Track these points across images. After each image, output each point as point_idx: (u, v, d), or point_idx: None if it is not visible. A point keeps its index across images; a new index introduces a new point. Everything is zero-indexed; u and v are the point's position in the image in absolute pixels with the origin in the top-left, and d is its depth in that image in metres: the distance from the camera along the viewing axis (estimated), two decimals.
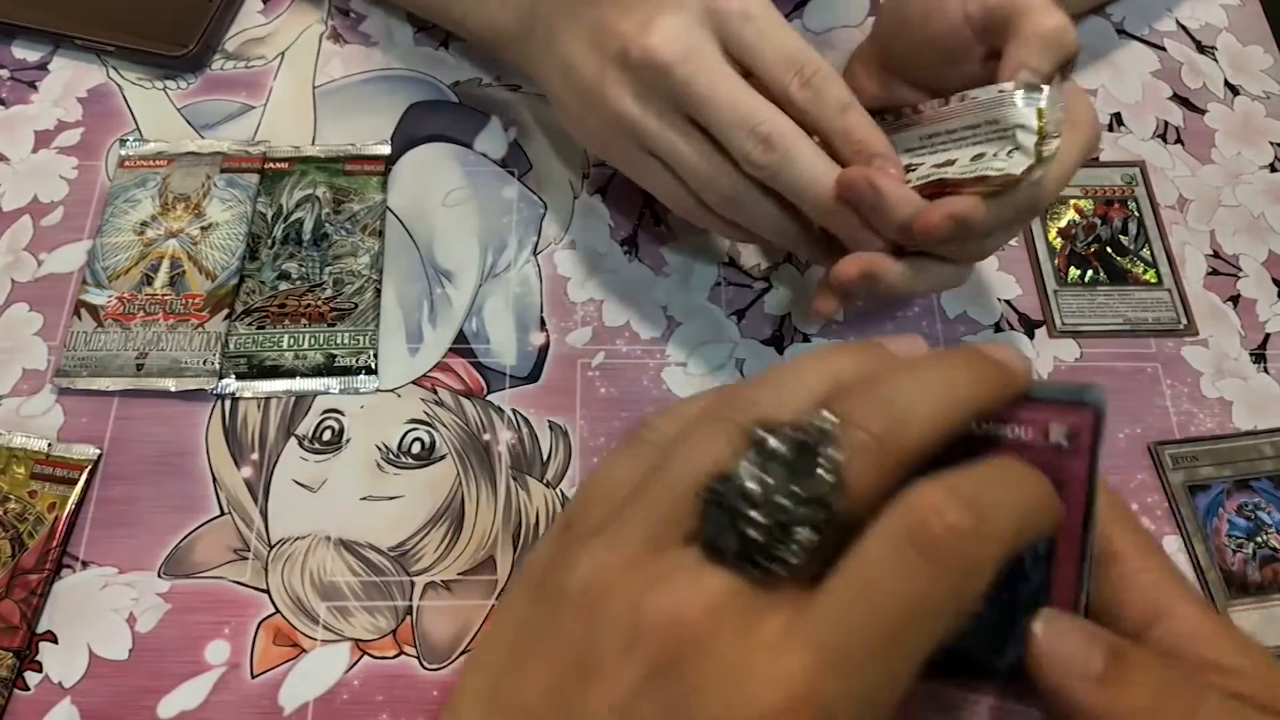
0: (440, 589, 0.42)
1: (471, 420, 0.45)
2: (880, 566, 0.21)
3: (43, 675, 0.39)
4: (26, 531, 0.41)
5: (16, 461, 0.43)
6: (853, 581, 0.21)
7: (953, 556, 0.21)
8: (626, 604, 0.22)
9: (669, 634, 0.21)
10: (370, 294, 0.47)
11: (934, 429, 0.23)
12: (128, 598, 0.41)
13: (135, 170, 0.50)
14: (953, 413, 0.24)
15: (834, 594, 0.21)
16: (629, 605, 0.22)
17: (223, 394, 0.45)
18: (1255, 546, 0.44)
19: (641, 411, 0.46)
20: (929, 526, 0.21)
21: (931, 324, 0.49)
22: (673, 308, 0.49)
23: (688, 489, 0.23)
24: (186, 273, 0.47)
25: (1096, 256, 0.51)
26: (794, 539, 0.22)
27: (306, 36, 0.55)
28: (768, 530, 0.22)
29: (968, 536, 0.21)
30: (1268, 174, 0.55)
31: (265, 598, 0.41)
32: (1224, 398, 0.48)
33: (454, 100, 0.54)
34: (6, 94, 0.53)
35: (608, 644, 0.22)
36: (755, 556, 0.22)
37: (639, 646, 0.21)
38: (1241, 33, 0.60)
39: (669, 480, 0.24)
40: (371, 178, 0.51)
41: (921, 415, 0.23)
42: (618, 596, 0.22)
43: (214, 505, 0.43)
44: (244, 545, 0.42)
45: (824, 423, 0.23)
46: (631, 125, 0.40)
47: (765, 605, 0.22)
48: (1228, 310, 0.50)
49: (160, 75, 0.53)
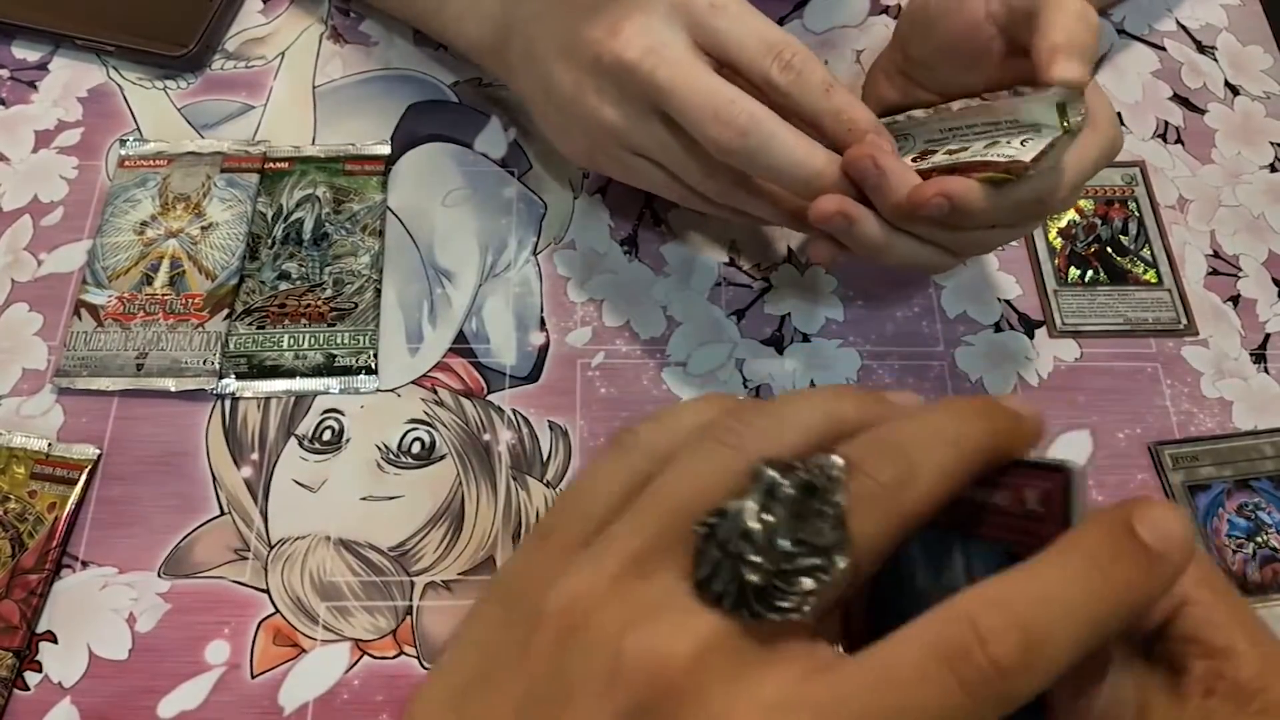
0: (440, 589, 0.42)
1: (471, 420, 0.45)
2: (909, 672, 0.19)
3: (42, 675, 0.39)
4: (26, 531, 0.41)
5: (16, 461, 0.43)
6: (874, 673, 0.20)
7: (989, 690, 0.19)
8: (607, 636, 0.21)
9: (652, 676, 0.20)
10: (370, 294, 0.47)
11: (944, 482, 0.22)
12: (127, 598, 0.41)
13: (135, 170, 0.50)
14: (963, 466, 0.22)
15: (850, 679, 0.20)
16: (610, 637, 0.21)
17: (223, 394, 0.45)
18: (1255, 546, 0.44)
19: (642, 411, 0.46)
20: (971, 656, 0.19)
21: (931, 324, 0.49)
22: (673, 308, 0.49)
23: (681, 515, 0.22)
24: (186, 272, 0.47)
25: (1096, 256, 0.51)
26: (795, 588, 0.20)
27: (306, 36, 0.55)
28: (769, 575, 0.20)
29: (1010, 673, 0.19)
30: (1268, 174, 0.55)
31: (265, 598, 0.41)
32: (1224, 398, 0.48)
33: (454, 100, 0.54)
34: (6, 94, 0.53)
35: (584, 676, 0.21)
36: (753, 602, 0.20)
37: (618, 685, 0.20)
38: (1241, 33, 0.60)
39: (661, 501, 0.22)
40: (371, 178, 0.51)
41: (932, 467, 0.22)
42: (598, 626, 0.21)
43: (214, 505, 0.43)
44: (244, 545, 0.42)
45: (832, 468, 0.22)
46: (613, 130, 0.40)
47: (759, 657, 0.20)
48: (1228, 310, 0.50)
49: (160, 75, 0.53)
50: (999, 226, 0.39)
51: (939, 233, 0.39)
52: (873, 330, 0.49)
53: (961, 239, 0.40)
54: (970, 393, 0.47)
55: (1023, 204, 0.38)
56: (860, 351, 0.48)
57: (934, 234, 0.39)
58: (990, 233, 0.40)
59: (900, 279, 0.50)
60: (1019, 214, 0.38)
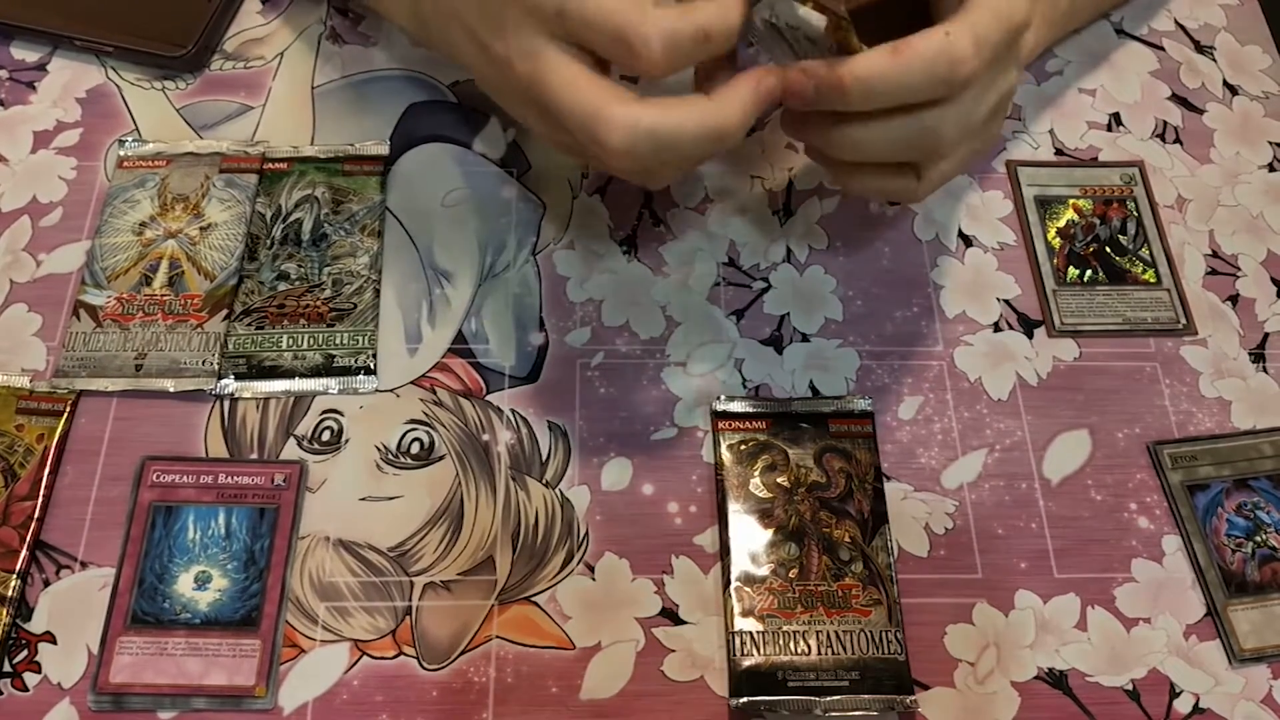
0: (439, 589, 0.42)
1: (471, 420, 0.45)
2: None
3: (42, 675, 0.39)
4: (17, 463, 0.42)
5: (0, 400, 0.43)
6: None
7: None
8: None
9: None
10: (369, 294, 0.47)
11: None
12: None
13: (134, 170, 0.50)
14: None
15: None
16: None
17: (222, 394, 0.45)
18: (1254, 546, 0.44)
19: (642, 411, 0.46)
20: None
21: (930, 323, 0.49)
22: (672, 308, 0.49)
23: None
24: (185, 273, 0.47)
25: (1095, 256, 0.51)
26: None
27: (306, 37, 0.55)
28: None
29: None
30: (1266, 174, 0.55)
31: None
32: (1223, 397, 0.48)
33: (453, 100, 0.54)
34: (6, 94, 0.52)
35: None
36: None
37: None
38: (1240, 32, 0.60)
39: None
40: (370, 178, 0.51)
41: None
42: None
43: None
44: None
45: None
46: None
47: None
48: (1227, 310, 0.50)
49: (159, 75, 0.53)
50: (931, 106, 0.38)
51: (882, 125, 0.38)
52: (872, 330, 0.49)
53: (907, 127, 0.38)
54: (970, 393, 0.47)
55: (932, 74, 0.36)
56: (860, 351, 0.48)
57: (885, 128, 0.38)
58: (930, 118, 0.38)
59: (900, 279, 0.50)
60: (929, 84, 0.37)
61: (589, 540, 0.43)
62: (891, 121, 0.38)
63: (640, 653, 0.41)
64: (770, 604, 0.41)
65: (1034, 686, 0.41)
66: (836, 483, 0.44)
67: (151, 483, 0.42)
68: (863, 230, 0.51)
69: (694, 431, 0.46)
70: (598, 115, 0.35)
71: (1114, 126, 0.56)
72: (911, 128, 0.38)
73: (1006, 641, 0.42)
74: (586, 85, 0.36)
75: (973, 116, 0.39)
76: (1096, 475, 0.46)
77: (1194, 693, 0.41)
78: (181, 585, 0.40)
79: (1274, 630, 0.42)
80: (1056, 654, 0.42)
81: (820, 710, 0.40)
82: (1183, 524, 0.45)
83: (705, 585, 0.42)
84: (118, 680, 0.39)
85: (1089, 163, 0.54)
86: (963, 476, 0.45)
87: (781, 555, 0.42)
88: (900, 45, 0.36)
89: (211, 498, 0.42)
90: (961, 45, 0.36)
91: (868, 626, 0.41)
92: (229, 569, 0.41)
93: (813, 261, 0.50)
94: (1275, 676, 0.42)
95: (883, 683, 0.40)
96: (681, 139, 0.36)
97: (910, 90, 0.37)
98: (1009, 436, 0.46)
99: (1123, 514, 0.45)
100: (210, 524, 0.42)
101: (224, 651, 0.39)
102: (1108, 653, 0.42)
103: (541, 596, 0.42)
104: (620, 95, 0.36)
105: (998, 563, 0.43)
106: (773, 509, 0.43)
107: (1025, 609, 0.43)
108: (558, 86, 0.36)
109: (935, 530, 0.44)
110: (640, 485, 0.44)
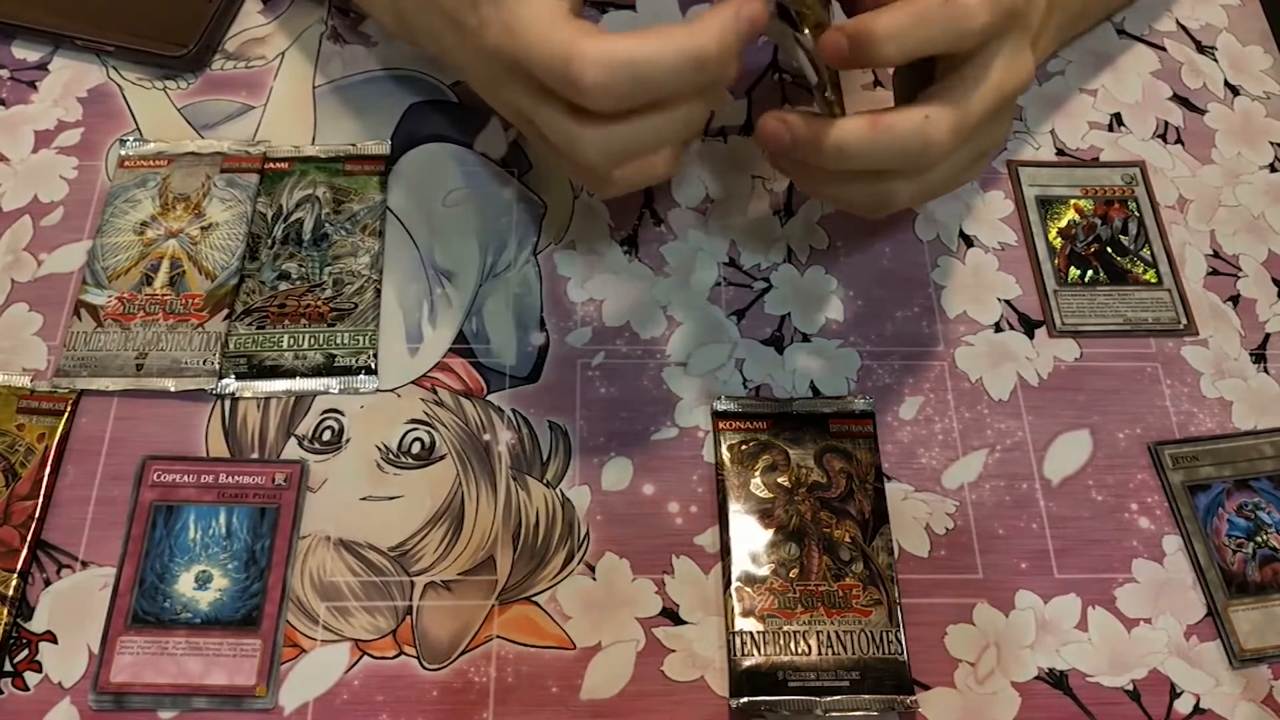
0: (440, 589, 0.42)
1: (471, 420, 0.45)
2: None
3: (42, 675, 0.39)
4: (18, 462, 0.42)
5: (1, 400, 0.43)
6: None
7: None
8: None
9: None
10: (370, 294, 0.47)
11: None
12: None
13: (135, 170, 0.50)
14: None
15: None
16: None
17: (222, 394, 0.45)
18: (1255, 546, 0.44)
19: (642, 411, 0.46)
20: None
21: (931, 324, 0.49)
22: (673, 308, 0.49)
23: None
24: (186, 273, 0.47)
25: (1096, 256, 0.51)
26: None
27: (306, 36, 0.55)
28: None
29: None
30: (1268, 174, 0.55)
31: None
32: (1224, 397, 0.48)
33: (454, 100, 0.54)
34: (6, 94, 0.53)
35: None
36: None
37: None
38: (1241, 33, 0.60)
39: None
40: (371, 178, 0.51)
41: None
42: None
43: None
44: None
45: None
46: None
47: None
48: (1228, 310, 0.50)
49: (160, 75, 0.53)
50: (896, 175, 0.39)
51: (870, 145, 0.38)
52: (873, 330, 0.49)
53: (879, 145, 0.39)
54: (970, 393, 0.47)
55: (904, 152, 0.37)
56: (860, 351, 0.48)
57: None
58: (893, 185, 0.40)
59: (901, 279, 0.50)
60: (900, 160, 0.38)
61: (589, 540, 0.43)
62: (859, 180, 0.40)
63: (641, 653, 0.41)
64: (771, 604, 0.41)
65: (1034, 687, 0.41)
66: (837, 483, 0.44)
67: (152, 482, 0.42)
68: (863, 230, 0.51)
69: (694, 431, 0.46)
70: (569, 53, 0.34)
71: (1115, 127, 0.55)
72: (874, 189, 0.40)
73: (1007, 642, 0.42)
74: (558, 23, 0.35)
75: (937, 186, 0.40)
76: (1097, 475, 0.46)
77: (1194, 693, 0.41)
78: (182, 585, 0.40)
79: (1275, 631, 0.42)
80: (1057, 654, 0.42)
81: (820, 710, 0.40)
82: (1183, 524, 0.45)
83: (706, 585, 0.42)
84: (118, 680, 0.39)
85: (1090, 163, 0.54)
86: (963, 476, 0.45)
87: (782, 555, 0.42)
88: (879, 119, 0.37)
89: (212, 497, 0.42)
90: (938, 130, 0.37)
91: (868, 626, 0.41)
92: (230, 569, 0.41)
93: (814, 262, 0.50)
94: (1276, 677, 0.42)
95: (883, 683, 0.40)
96: (660, 68, 0.34)
97: (880, 162, 0.38)
98: (1010, 437, 0.46)
99: (1123, 514, 0.45)
100: (211, 524, 0.42)
101: (225, 651, 0.39)
102: (1108, 653, 0.42)
103: (542, 596, 0.42)
104: (591, 30, 0.35)
105: (998, 563, 0.43)
106: (773, 509, 0.43)
107: (1026, 609, 0.43)
108: (527, 31, 0.35)
109: (936, 530, 0.44)
110: (641, 485, 0.44)
